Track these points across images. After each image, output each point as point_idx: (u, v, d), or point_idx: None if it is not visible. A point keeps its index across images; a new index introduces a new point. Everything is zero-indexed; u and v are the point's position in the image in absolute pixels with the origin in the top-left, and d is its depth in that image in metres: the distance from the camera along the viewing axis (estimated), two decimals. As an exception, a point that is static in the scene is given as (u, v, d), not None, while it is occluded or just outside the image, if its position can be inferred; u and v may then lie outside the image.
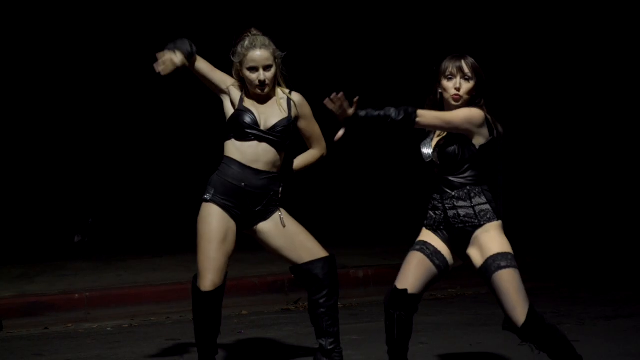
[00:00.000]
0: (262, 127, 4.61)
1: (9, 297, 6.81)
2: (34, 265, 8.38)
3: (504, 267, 4.14)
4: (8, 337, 6.12)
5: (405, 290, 4.25)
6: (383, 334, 4.36)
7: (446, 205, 4.26)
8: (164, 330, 6.22)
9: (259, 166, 4.60)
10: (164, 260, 8.63)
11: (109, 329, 6.33)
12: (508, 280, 4.14)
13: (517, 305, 4.14)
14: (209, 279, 4.56)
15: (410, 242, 4.39)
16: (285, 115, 4.65)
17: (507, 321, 4.19)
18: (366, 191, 10.76)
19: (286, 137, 4.66)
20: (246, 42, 4.64)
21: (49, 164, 10.14)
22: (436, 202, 4.30)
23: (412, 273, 4.27)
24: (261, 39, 4.65)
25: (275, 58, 4.64)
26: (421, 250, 4.28)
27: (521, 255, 8.52)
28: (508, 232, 4.25)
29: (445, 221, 4.27)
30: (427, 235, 4.32)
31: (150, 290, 7.15)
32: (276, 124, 4.63)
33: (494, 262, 4.16)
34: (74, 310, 6.76)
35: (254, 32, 4.69)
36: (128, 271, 8.00)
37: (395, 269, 4.39)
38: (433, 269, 4.28)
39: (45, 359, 5.42)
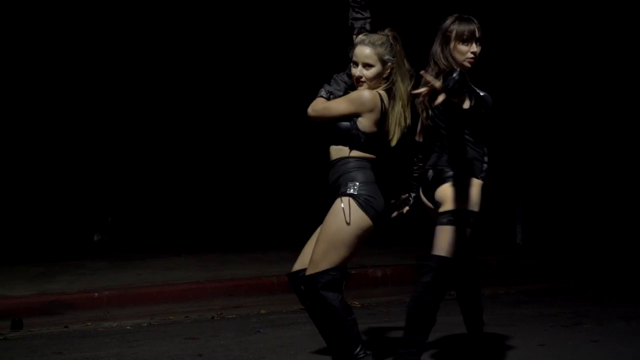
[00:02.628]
0: None
1: (29, 296, 6.84)
2: (54, 264, 8.43)
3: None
4: (28, 335, 6.15)
5: None
6: (402, 333, 4.36)
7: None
8: (182, 329, 6.23)
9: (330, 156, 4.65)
10: (183, 259, 8.65)
11: (128, 327, 6.35)
12: None
13: None
14: None
15: (428, 242, 4.39)
16: None
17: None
18: (384, 190, 10.73)
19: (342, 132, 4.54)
20: (360, 37, 4.51)
21: (68, 163, 10.19)
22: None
23: None
24: (375, 37, 4.47)
25: (381, 60, 4.44)
26: None
27: (540, 256, 8.60)
28: (527, 231, 4.24)
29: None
30: None
31: (169, 289, 7.16)
32: None
33: None
34: (93, 308, 6.78)
35: (385, 31, 4.52)
36: (147, 270, 8.02)
37: (414, 269, 4.39)
38: None
39: (65, 357, 5.44)
